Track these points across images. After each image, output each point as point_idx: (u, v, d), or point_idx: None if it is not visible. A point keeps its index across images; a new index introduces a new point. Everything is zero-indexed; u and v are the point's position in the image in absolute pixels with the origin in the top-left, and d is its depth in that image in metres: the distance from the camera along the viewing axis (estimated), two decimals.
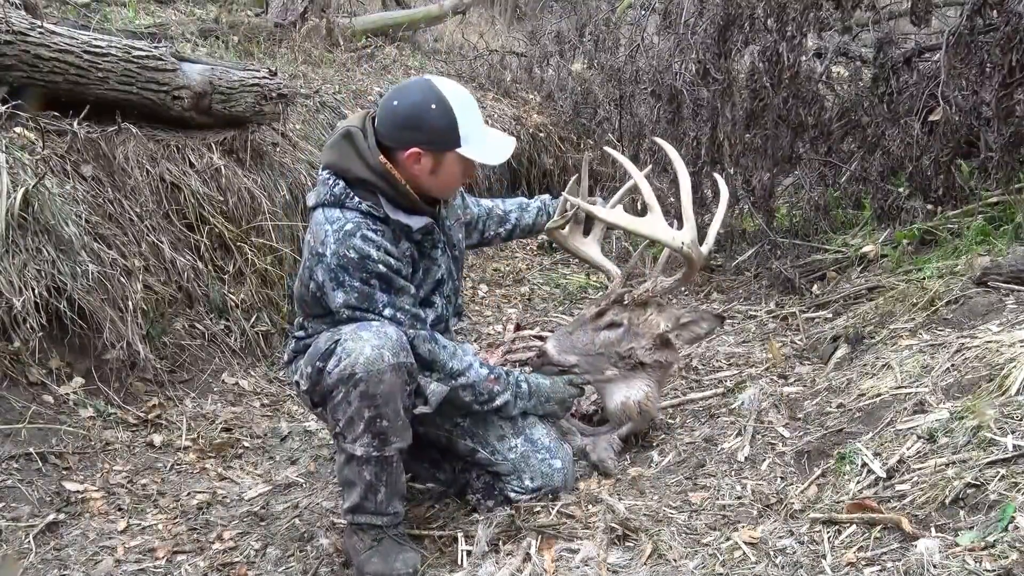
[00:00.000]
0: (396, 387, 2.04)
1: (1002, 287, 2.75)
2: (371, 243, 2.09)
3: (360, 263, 2.08)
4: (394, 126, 2.13)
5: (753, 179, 4.05)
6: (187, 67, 3.66)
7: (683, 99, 4.17)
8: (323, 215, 2.14)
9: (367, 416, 2.05)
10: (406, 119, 2.12)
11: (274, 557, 2.33)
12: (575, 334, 2.53)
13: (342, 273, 2.09)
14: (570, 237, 2.71)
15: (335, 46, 6.19)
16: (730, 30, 4.01)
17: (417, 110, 2.10)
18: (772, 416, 2.62)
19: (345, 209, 2.13)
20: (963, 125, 3.53)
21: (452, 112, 2.10)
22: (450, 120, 2.10)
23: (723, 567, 1.89)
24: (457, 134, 2.11)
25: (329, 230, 2.11)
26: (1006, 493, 1.74)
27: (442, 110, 2.09)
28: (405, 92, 2.16)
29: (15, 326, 2.75)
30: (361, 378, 2.01)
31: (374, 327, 2.06)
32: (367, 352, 2.01)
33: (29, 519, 2.38)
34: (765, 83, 3.82)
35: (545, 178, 6.33)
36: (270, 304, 3.83)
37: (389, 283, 2.12)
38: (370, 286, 2.10)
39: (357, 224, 2.10)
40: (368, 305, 2.10)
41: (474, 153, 2.15)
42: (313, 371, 2.14)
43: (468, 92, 2.20)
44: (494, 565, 2.02)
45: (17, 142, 3.11)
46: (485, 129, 2.21)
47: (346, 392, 2.04)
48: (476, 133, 2.15)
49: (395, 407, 2.06)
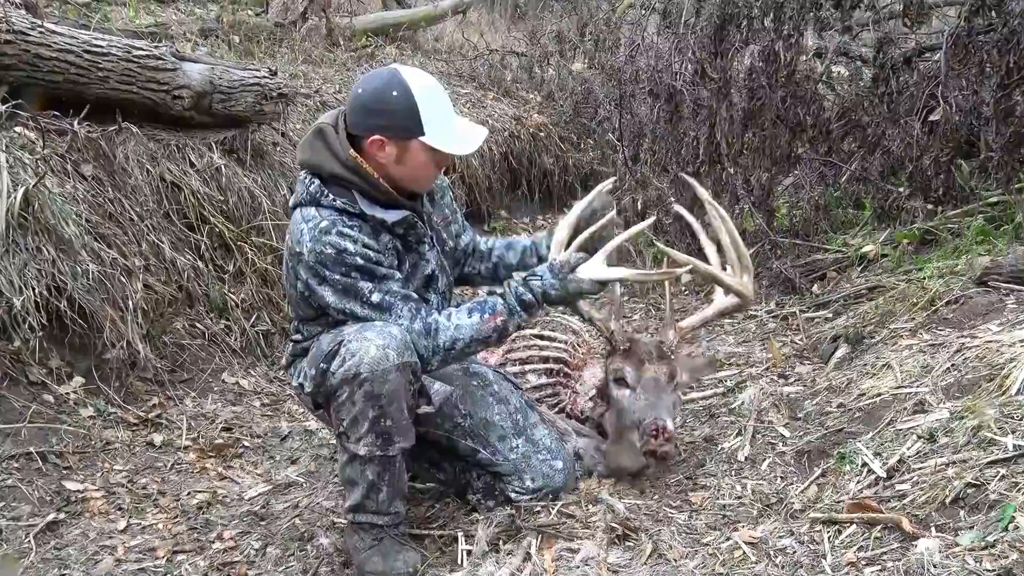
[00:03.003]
0: (401, 387, 2.04)
1: (1002, 287, 2.76)
2: (347, 238, 2.08)
3: (337, 257, 2.07)
4: (358, 112, 2.13)
5: (752, 178, 4.05)
6: (187, 67, 3.66)
7: (682, 99, 4.17)
8: (300, 214, 2.15)
9: (371, 416, 2.04)
10: (368, 105, 2.10)
11: (274, 556, 2.33)
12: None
13: (322, 269, 2.08)
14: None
15: (335, 46, 6.19)
16: (727, 29, 4.01)
17: (378, 96, 2.09)
18: (772, 416, 2.63)
19: (320, 207, 2.12)
20: (963, 125, 3.54)
21: (413, 99, 2.07)
22: (410, 107, 2.07)
23: (723, 567, 1.90)
24: (419, 122, 2.08)
25: (305, 228, 2.11)
26: (1006, 493, 1.75)
27: (403, 97, 2.07)
28: (369, 79, 2.16)
29: (15, 326, 2.75)
30: (366, 378, 2.01)
31: (378, 327, 2.06)
32: (372, 352, 2.01)
33: (29, 518, 2.38)
34: (762, 82, 3.83)
35: (545, 178, 6.32)
36: (270, 304, 3.82)
37: (371, 273, 2.10)
38: (351, 278, 2.09)
39: (332, 221, 2.09)
40: (354, 295, 2.09)
41: (438, 142, 2.11)
42: (317, 372, 2.13)
43: (436, 82, 2.17)
44: (494, 565, 2.02)
45: (17, 141, 3.10)
46: (453, 118, 2.16)
47: (351, 392, 2.04)
48: (442, 122, 2.12)
49: (399, 407, 2.06)
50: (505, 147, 5.98)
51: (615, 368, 2.40)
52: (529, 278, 2.19)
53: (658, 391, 2.32)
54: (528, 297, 2.17)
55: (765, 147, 4.00)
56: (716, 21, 4.01)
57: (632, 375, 2.36)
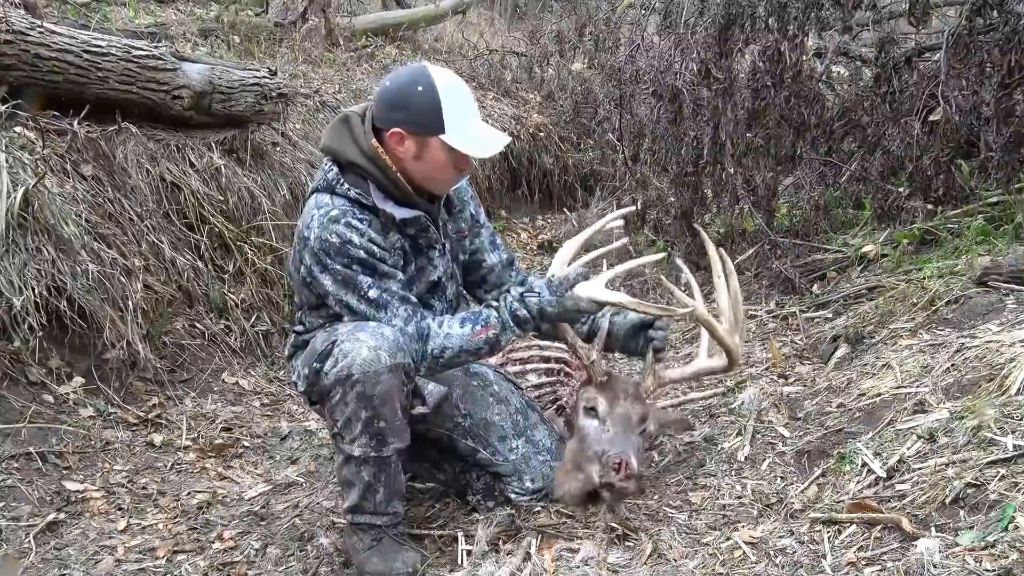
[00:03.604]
0: (393, 388, 2.04)
1: (1002, 287, 2.75)
2: (354, 230, 2.08)
3: (341, 248, 2.08)
4: (382, 104, 2.13)
5: (756, 178, 4.04)
6: (187, 67, 3.66)
7: (684, 99, 4.17)
8: (314, 200, 2.16)
9: (364, 417, 2.04)
10: (393, 98, 2.11)
11: (274, 556, 2.33)
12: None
13: (324, 257, 2.09)
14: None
15: (335, 46, 6.20)
16: (731, 29, 4.01)
17: (404, 90, 2.10)
18: (772, 416, 2.62)
19: (335, 195, 2.13)
20: (963, 125, 3.53)
21: (437, 96, 2.07)
22: (434, 103, 2.07)
23: (723, 567, 1.90)
24: (440, 119, 2.07)
25: (316, 215, 2.11)
26: (1006, 493, 1.74)
27: (428, 92, 2.07)
28: (398, 73, 2.17)
29: (15, 326, 2.75)
30: (358, 379, 2.01)
31: (371, 328, 2.06)
32: (364, 353, 2.00)
33: (29, 518, 2.38)
34: (767, 82, 3.82)
35: (545, 178, 6.33)
36: (270, 304, 3.83)
37: (373, 268, 2.11)
38: (352, 270, 2.09)
39: (343, 211, 2.10)
40: (353, 287, 2.09)
41: (458, 142, 2.10)
42: (310, 372, 2.14)
43: (464, 84, 2.16)
44: (494, 565, 2.02)
45: (17, 142, 3.11)
46: (476, 122, 2.17)
47: (343, 393, 2.04)
48: (464, 123, 2.12)
49: (392, 408, 2.06)
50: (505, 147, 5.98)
51: (588, 397, 2.33)
52: (526, 294, 2.16)
53: (627, 429, 2.24)
54: (523, 313, 2.14)
55: (769, 147, 4.00)
56: (721, 21, 4.00)
57: (604, 407, 2.28)
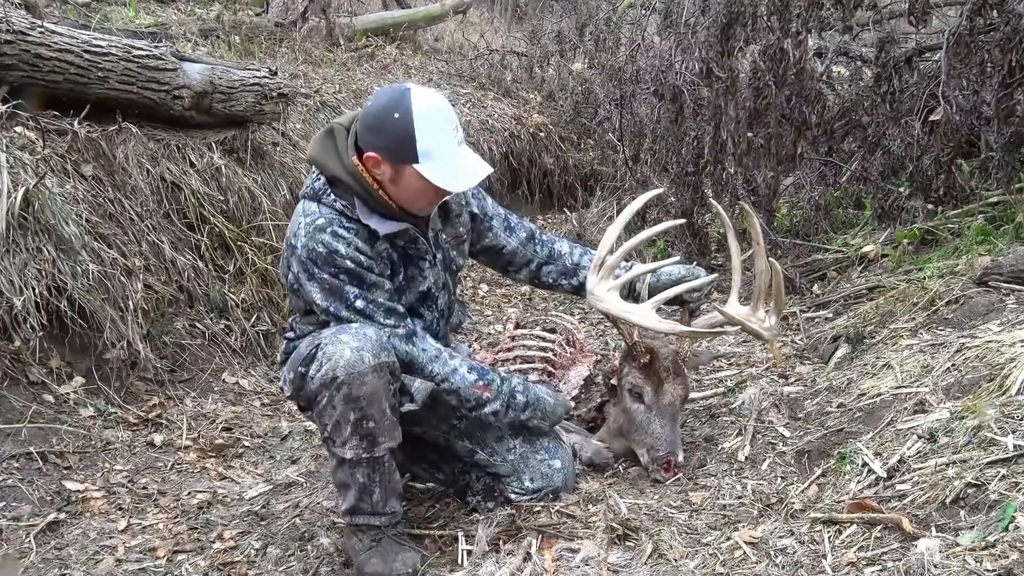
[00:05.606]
0: (379, 387, 2.03)
1: (1002, 287, 2.76)
2: (341, 239, 2.08)
3: (328, 258, 2.07)
4: (363, 125, 2.11)
5: (757, 178, 4.04)
6: (187, 67, 3.66)
7: (684, 98, 4.17)
8: (302, 207, 2.16)
9: (353, 419, 2.04)
10: (370, 122, 2.07)
11: (274, 556, 2.33)
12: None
13: (312, 266, 2.09)
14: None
15: (335, 46, 6.20)
16: (732, 28, 4.01)
17: (380, 115, 2.05)
18: (772, 416, 2.62)
19: (321, 204, 2.13)
20: (964, 125, 3.53)
21: (412, 125, 2.01)
22: (407, 133, 2.01)
23: (723, 567, 1.89)
24: (414, 149, 2.02)
25: (303, 223, 2.11)
26: (1006, 493, 1.74)
27: (403, 121, 2.01)
28: (380, 94, 2.12)
29: (15, 326, 2.75)
30: (343, 381, 2.00)
31: (353, 329, 2.05)
32: (347, 355, 2.00)
33: (30, 518, 2.38)
34: (768, 81, 3.82)
35: (545, 178, 6.33)
36: (270, 304, 3.83)
37: (360, 279, 2.10)
38: (339, 280, 2.08)
39: (329, 220, 2.09)
40: (340, 297, 2.09)
41: (432, 174, 2.03)
42: (296, 376, 2.14)
43: (447, 109, 2.08)
44: (494, 565, 2.02)
45: (17, 142, 3.10)
46: (454, 150, 2.07)
47: (330, 396, 2.03)
48: (440, 152, 2.03)
49: (380, 407, 2.05)
50: (505, 147, 5.99)
51: (632, 382, 2.48)
52: (535, 385, 2.38)
53: (674, 421, 2.45)
54: (520, 399, 2.30)
55: (770, 146, 3.99)
56: (722, 20, 4.00)
57: (650, 395, 2.45)
